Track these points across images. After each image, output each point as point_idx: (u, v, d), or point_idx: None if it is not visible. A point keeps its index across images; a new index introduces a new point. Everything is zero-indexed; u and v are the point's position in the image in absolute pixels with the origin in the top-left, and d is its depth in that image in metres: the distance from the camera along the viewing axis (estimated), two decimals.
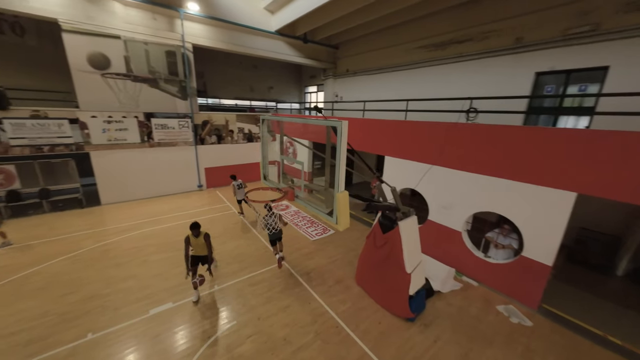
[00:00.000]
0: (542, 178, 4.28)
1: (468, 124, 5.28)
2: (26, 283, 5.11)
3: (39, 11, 7.37)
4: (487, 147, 4.89)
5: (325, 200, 2.40)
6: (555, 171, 4.15)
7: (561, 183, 4.10)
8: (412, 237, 4.36)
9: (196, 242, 4.70)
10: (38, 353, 3.65)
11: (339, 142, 2.01)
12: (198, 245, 4.74)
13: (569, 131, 4.24)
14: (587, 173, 3.88)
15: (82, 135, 8.43)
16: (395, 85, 11.10)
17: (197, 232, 4.65)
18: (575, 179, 3.99)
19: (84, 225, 7.66)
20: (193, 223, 4.64)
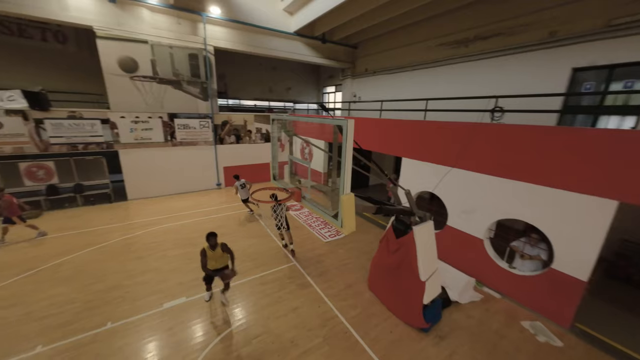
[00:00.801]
0: (578, 184, 3.88)
1: (493, 124, 4.94)
2: (59, 270, 5.50)
3: (77, 19, 7.96)
4: (514, 149, 4.53)
5: (332, 202, 2.30)
6: (594, 177, 3.74)
7: (601, 190, 3.69)
8: (427, 243, 4.13)
9: (213, 255, 4.26)
10: (64, 337, 3.89)
11: (345, 141, 1.91)
12: (214, 258, 4.31)
13: (611, 132, 3.80)
14: (632, 179, 3.45)
15: (112, 134, 8.99)
16: (414, 84, 10.72)
17: (215, 242, 4.23)
18: (617, 185, 3.56)
19: (111, 219, 8.14)
20: (209, 233, 4.23)
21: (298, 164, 12.16)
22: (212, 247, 4.25)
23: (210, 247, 4.24)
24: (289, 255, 6.23)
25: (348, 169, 1.71)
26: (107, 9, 8.21)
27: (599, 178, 3.70)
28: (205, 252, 4.23)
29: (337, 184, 2.01)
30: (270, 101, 16.35)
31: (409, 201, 3.91)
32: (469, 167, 5.20)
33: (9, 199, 6.44)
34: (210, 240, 4.23)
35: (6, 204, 6.38)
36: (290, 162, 3.45)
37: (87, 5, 7.93)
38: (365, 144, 7.83)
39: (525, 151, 4.40)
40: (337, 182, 1.97)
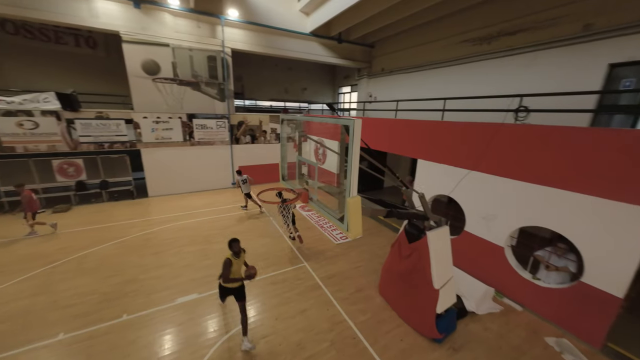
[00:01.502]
0: (615, 191, 3.52)
1: (517, 125, 4.63)
2: (83, 262, 5.82)
3: (106, 25, 8.42)
4: (541, 151, 4.21)
5: (339, 204, 2.23)
6: (634, 183, 3.38)
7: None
8: (442, 249, 3.94)
9: (237, 265, 3.79)
10: (84, 327, 4.09)
11: (351, 141, 1.84)
12: (237, 268, 3.82)
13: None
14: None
15: (135, 134, 9.42)
16: (433, 83, 10.37)
17: (239, 248, 3.77)
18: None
19: (132, 214, 8.53)
20: (232, 239, 3.75)
21: (311, 165, 12.19)
22: (237, 254, 3.77)
23: (234, 255, 3.75)
24: (299, 257, 6.21)
25: (354, 170, 1.65)
26: (132, 15, 8.62)
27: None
28: (231, 263, 3.69)
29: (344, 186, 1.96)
30: (286, 102, 16.48)
31: (423, 205, 3.74)
32: (489, 170, 4.91)
33: (29, 194, 6.76)
34: (233, 246, 3.72)
35: (26, 199, 6.67)
36: (298, 163, 3.42)
37: (114, 11, 8.36)
38: (378, 144, 7.70)
39: (554, 154, 4.07)
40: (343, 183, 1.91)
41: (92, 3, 8.07)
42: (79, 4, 7.95)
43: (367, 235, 7.41)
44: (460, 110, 6.26)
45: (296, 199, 3.08)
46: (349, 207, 1.99)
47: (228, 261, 3.69)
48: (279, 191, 5.30)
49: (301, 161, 3.38)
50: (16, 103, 7.84)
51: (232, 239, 3.77)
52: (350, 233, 2.10)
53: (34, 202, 6.83)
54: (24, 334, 3.91)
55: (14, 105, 7.81)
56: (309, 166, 8.46)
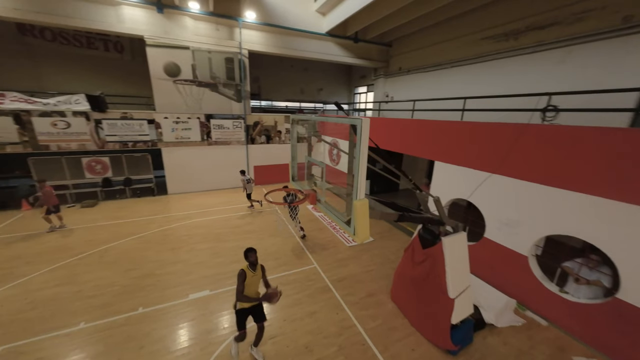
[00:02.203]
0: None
1: (545, 125, 4.30)
2: (105, 255, 6.13)
3: (131, 30, 8.85)
4: (572, 154, 3.88)
5: (347, 206, 2.15)
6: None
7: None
8: (458, 257, 3.73)
9: (252, 279, 3.30)
10: (103, 317, 4.28)
11: (359, 142, 1.75)
12: (253, 282, 3.33)
13: None
14: None
15: (157, 133, 9.83)
16: (453, 82, 9.96)
17: (255, 258, 3.31)
18: None
19: (152, 211, 8.89)
20: (248, 248, 3.32)
21: (327, 166, 12.13)
22: (253, 266, 3.32)
23: (250, 267, 3.31)
24: (310, 258, 6.17)
25: (362, 172, 1.57)
26: (155, 20, 9.00)
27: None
28: (245, 275, 3.23)
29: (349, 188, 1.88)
30: (301, 102, 16.55)
31: (438, 209, 3.56)
32: (513, 173, 4.61)
33: (50, 190, 7.09)
34: (249, 256, 3.28)
35: (46, 194, 6.97)
36: (307, 164, 3.37)
37: (139, 17, 8.77)
38: (392, 145, 7.49)
39: (588, 157, 3.73)
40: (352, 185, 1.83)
41: (119, 9, 8.51)
42: (107, 10, 8.41)
43: (379, 238, 7.23)
44: (481, 110, 5.94)
45: (303, 201, 3.02)
46: (355, 210, 1.91)
47: (242, 273, 3.22)
48: (287, 193, 5.34)
49: (311, 162, 3.32)
50: (51, 104, 8.42)
51: (248, 248, 3.34)
52: (357, 237, 2.02)
53: (52, 197, 7.10)
54: (50, 322, 4.16)
55: (49, 107, 8.40)
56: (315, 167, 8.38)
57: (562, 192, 3.99)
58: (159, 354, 3.65)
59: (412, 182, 2.85)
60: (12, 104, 8.03)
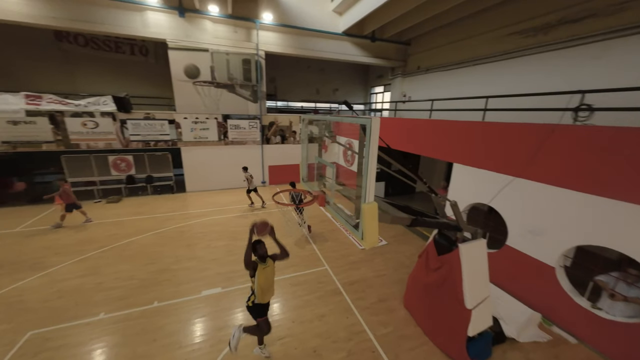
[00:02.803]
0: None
1: (576, 126, 3.97)
2: (126, 249, 6.41)
3: (155, 34, 9.24)
4: (609, 158, 3.54)
5: (355, 209, 2.06)
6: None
7: None
8: (477, 265, 3.51)
9: (264, 271, 3.15)
10: (121, 309, 4.46)
11: (368, 142, 1.67)
12: (267, 278, 3.19)
13: None
14: None
15: (176, 133, 10.19)
16: (475, 81, 9.52)
17: (264, 251, 3.16)
18: None
19: (171, 208, 9.22)
20: (255, 240, 3.18)
21: (341, 167, 12.00)
22: (262, 258, 3.18)
23: (259, 260, 3.18)
24: (322, 259, 6.11)
25: (372, 174, 1.48)
26: (177, 23, 9.34)
27: None
28: (257, 267, 3.16)
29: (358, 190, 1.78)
30: (317, 102, 16.54)
31: (456, 214, 3.37)
32: (539, 177, 4.29)
33: (69, 188, 7.45)
34: (258, 249, 3.16)
35: (66, 193, 7.31)
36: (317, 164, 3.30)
37: (162, 21, 9.14)
38: (408, 146, 7.26)
39: (630, 161, 3.38)
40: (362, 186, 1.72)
41: (144, 15, 8.91)
42: (134, 16, 8.84)
43: (393, 242, 7.04)
44: (505, 109, 5.59)
45: (312, 202, 2.96)
46: (364, 214, 1.82)
47: (254, 265, 3.15)
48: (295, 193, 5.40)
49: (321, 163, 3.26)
50: (82, 105, 8.98)
51: (256, 240, 3.22)
52: (365, 242, 1.93)
53: (71, 195, 7.43)
54: (73, 311, 4.40)
55: (80, 108, 8.96)
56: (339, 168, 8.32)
57: (596, 199, 3.65)
58: (171, 348, 3.74)
59: (426, 185, 2.71)
60: (48, 105, 8.64)
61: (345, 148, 10.60)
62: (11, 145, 8.61)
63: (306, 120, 3.53)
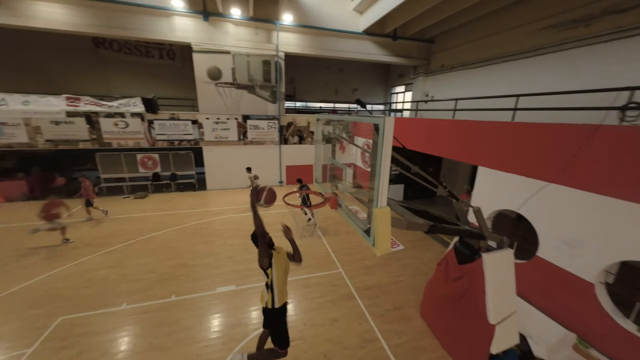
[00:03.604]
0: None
1: (624, 127, 3.54)
2: (149, 243, 6.72)
3: (181, 38, 9.65)
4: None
5: (368, 214, 1.94)
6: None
7: None
8: (502, 277, 3.24)
9: (282, 265, 2.81)
10: (141, 301, 4.66)
11: (381, 143, 1.55)
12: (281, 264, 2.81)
13: None
14: None
15: (199, 133, 10.57)
16: (503, 79, 8.93)
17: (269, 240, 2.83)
18: None
19: (192, 205, 9.57)
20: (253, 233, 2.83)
21: (359, 168, 11.79)
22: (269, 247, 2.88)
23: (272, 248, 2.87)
24: (336, 262, 6.01)
25: (384, 176, 1.38)
26: (202, 27, 9.69)
27: None
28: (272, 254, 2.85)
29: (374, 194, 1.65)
30: (336, 103, 16.44)
31: (479, 221, 3.13)
32: (577, 183, 3.88)
33: (89, 184, 7.88)
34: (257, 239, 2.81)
35: (86, 189, 7.76)
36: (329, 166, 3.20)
37: (187, 25, 9.52)
38: (427, 147, 6.94)
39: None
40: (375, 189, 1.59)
41: (171, 20, 9.34)
42: (162, 22, 9.29)
43: (411, 247, 6.76)
44: (537, 109, 5.16)
45: (323, 204, 2.87)
46: (375, 219, 1.71)
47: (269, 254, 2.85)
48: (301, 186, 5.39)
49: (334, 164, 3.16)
50: (114, 107, 9.58)
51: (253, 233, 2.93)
52: (376, 249, 1.81)
53: (91, 191, 7.92)
54: (99, 299, 4.66)
55: (113, 109, 9.56)
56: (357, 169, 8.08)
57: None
58: (185, 342, 3.83)
59: (446, 189, 2.52)
60: (85, 107, 9.31)
61: (362, 150, 10.41)
62: (53, 143, 9.39)
63: (322, 120, 3.45)
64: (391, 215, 1.85)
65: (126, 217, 8.36)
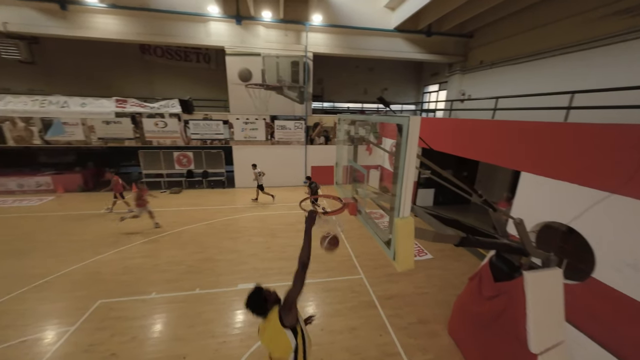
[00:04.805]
0: None
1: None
2: (180, 236, 7.11)
3: (216, 42, 10.14)
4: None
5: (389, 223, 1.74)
6: None
7: None
8: (548, 299, 2.82)
9: (264, 329, 2.10)
10: (169, 291, 4.91)
11: (404, 145, 1.38)
12: (266, 336, 2.07)
13: None
14: None
15: (229, 133, 11.00)
16: (552, 74, 7.97)
17: (262, 306, 2.14)
18: None
19: (221, 201, 9.98)
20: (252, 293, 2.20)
21: (386, 170, 11.39)
22: (260, 313, 2.14)
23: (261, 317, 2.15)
24: (357, 267, 5.82)
25: (408, 182, 1.22)
26: (235, 31, 10.08)
27: None
28: None
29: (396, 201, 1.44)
30: (364, 103, 16.10)
31: (521, 235, 2.76)
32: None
33: (117, 179, 8.47)
34: (251, 305, 2.17)
35: (114, 183, 8.40)
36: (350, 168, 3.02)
37: (222, 29, 9.97)
38: (463, 150, 6.41)
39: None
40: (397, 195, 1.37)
41: (207, 25, 9.85)
42: (199, 27, 9.84)
43: (440, 257, 6.30)
44: (596, 107, 4.46)
45: (341, 210, 2.72)
46: (396, 231, 1.53)
47: None
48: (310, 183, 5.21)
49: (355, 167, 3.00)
50: (155, 108, 10.35)
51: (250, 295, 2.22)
52: (397, 264, 1.63)
53: (119, 186, 8.54)
54: (133, 287, 5.01)
55: (154, 110, 10.35)
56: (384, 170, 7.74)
57: None
58: (204, 336, 3.94)
59: (482, 199, 2.24)
60: (131, 108, 10.19)
61: (390, 153, 10.02)
62: (104, 141, 10.42)
63: (345, 119, 3.31)
64: (418, 225, 1.65)
65: (163, 210, 8.94)
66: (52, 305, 4.53)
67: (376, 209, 2.98)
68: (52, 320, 4.21)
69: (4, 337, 3.83)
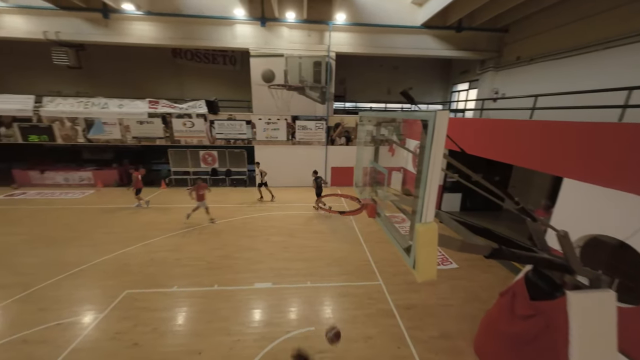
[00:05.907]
0: None
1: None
2: (202, 233, 7.34)
3: (241, 44, 10.40)
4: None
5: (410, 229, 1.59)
6: None
7: None
8: (597, 325, 2.45)
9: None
10: (189, 286, 5.06)
11: (429, 143, 1.22)
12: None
13: None
14: None
15: (252, 133, 11.23)
16: (599, 70, 7.12)
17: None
18: None
19: (242, 200, 10.20)
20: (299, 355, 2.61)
21: (409, 173, 10.95)
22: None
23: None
24: (376, 272, 5.60)
25: (432, 185, 1.08)
26: (259, 33, 10.26)
27: None
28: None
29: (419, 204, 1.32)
30: (387, 103, 15.66)
31: (566, 249, 2.42)
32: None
33: (137, 175, 8.87)
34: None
35: (134, 179, 8.83)
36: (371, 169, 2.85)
37: (246, 32, 10.20)
38: (496, 153, 5.93)
39: None
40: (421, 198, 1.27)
41: (233, 28, 10.13)
42: (226, 30, 10.16)
43: (466, 266, 5.88)
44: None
45: (359, 211, 2.57)
46: (418, 237, 1.37)
47: None
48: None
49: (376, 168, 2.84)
50: (184, 108, 10.86)
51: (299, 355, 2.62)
52: (417, 273, 1.46)
53: (139, 181, 8.94)
54: (157, 279, 5.23)
55: (182, 110, 10.86)
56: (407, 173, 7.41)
57: None
58: (221, 333, 3.98)
59: (518, 206, 1.98)
60: (162, 109, 10.78)
61: (414, 153, 9.60)
62: (137, 139, 11.11)
63: (366, 119, 3.16)
64: (444, 232, 1.48)
65: (188, 206, 9.31)
66: (85, 292, 4.85)
67: (397, 213, 2.80)
68: (84, 306, 4.51)
69: (42, 319, 4.15)
